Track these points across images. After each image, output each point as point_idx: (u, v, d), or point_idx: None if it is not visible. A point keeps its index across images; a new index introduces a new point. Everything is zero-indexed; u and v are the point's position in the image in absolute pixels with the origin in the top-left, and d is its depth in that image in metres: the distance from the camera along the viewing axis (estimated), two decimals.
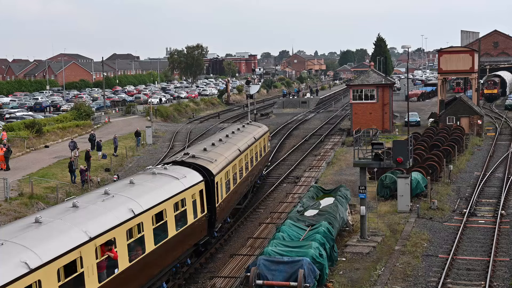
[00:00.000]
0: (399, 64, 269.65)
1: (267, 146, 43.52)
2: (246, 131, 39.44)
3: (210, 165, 27.68)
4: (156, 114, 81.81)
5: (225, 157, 30.52)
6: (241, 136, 37.00)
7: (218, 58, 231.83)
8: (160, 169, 25.15)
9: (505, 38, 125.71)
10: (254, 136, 38.83)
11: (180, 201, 23.12)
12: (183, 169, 25.72)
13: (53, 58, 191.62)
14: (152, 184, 22.73)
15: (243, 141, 35.69)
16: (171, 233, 22.10)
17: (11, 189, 36.60)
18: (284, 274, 20.99)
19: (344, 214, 28.97)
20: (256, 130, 41.09)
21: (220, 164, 28.90)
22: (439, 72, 75.08)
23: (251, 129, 40.61)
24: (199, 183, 25.46)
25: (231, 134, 36.81)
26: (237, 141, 34.97)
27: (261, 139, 40.77)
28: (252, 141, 37.53)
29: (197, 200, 25.03)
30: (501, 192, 37.62)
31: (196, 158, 28.30)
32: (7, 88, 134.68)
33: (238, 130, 38.90)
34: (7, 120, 70.25)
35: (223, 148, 32.08)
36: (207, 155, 29.33)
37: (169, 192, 22.47)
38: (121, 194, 20.47)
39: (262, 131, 42.10)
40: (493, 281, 23.68)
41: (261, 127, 43.22)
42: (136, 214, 19.58)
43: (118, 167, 49.06)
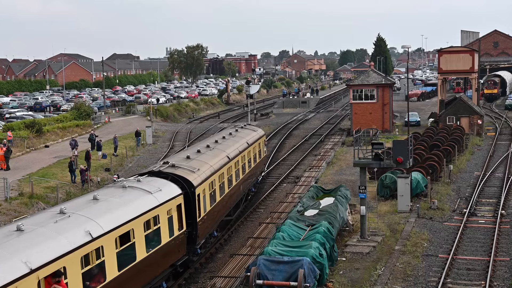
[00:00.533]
0: (399, 64, 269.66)
1: (263, 151, 41.17)
2: (239, 135, 37.23)
3: (191, 176, 25.38)
4: (156, 114, 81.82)
5: (211, 165, 28.21)
6: (232, 142, 34.68)
7: (218, 58, 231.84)
8: (132, 182, 22.72)
9: (505, 38, 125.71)
10: (248, 141, 36.55)
11: (152, 219, 20.79)
12: (159, 181, 23.31)
13: (53, 58, 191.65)
14: (120, 200, 20.33)
15: (233, 147, 33.40)
16: (140, 256, 19.80)
17: (11, 189, 36.60)
18: (284, 274, 20.99)
19: (344, 214, 28.97)
20: (250, 134, 38.86)
21: (204, 174, 26.55)
22: (439, 72, 75.06)
23: (245, 133, 38.39)
24: (177, 196, 23.07)
25: (221, 139, 34.49)
26: (227, 147, 32.63)
27: (256, 144, 38.56)
28: (245, 147, 35.26)
29: (174, 216, 22.65)
30: (501, 192, 37.62)
31: (175, 167, 25.94)
32: (7, 88, 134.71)
33: (230, 135, 36.58)
34: (7, 120, 70.27)
35: (210, 156, 29.79)
36: (190, 164, 27.01)
37: (138, 209, 20.14)
38: (79, 214, 18.11)
39: (257, 135, 39.83)
40: (493, 281, 23.68)
41: (256, 131, 40.91)
42: (94, 237, 17.20)
43: (118, 167, 49.07)
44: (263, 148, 41.27)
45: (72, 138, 55.41)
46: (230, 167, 31.15)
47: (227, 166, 30.51)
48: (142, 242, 19.97)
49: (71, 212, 18.00)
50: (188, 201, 24.33)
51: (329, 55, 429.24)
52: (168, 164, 26.28)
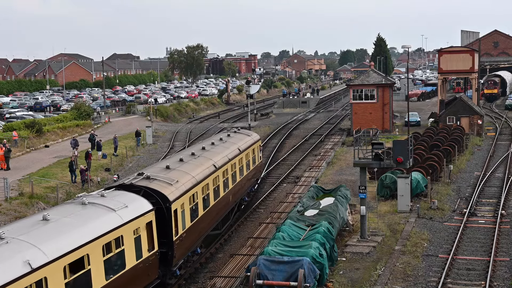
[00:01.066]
0: (399, 64, 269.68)
1: (258, 157, 38.48)
2: (230, 141, 34.62)
3: (167, 189, 22.85)
4: (156, 114, 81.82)
5: (192, 176, 25.63)
6: (222, 148, 32.08)
7: (218, 58, 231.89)
8: (94, 198, 20.20)
9: (505, 38, 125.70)
10: (240, 147, 34.01)
11: (113, 241, 18.31)
12: (127, 196, 20.90)
13: (53, 58, 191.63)
14: (74, 220, 17.84)
15: (222, 154, 30.86)
16: (98, 284, 17.41)
17: (11, 188, 36.61)
18: (284, 274, 21.00)
19: (344, 214, 28.97)
20: (243, 139, 36.23)
21: (183, 187, 24.03)
22: (439, 72, 75.05)
23: (237, 139, 35.71)
24: (147, 213, 20.59)
25: (210, 146, 31.98)
26: (214, 155, 30.04)
27: (249, 149, 35.92)
28: (236, 153, 32.80)
29: (143, 235, 20.21)
30: (501, 192, 37.61)
31: (150, 180, 23.37)
32: (7, 88, 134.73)
33: (220, 141, 34.05)
34: (7, 120, 70.27)
35: (193, 165, 27.11)
36: (169, 175, 24.41)
37: (96, 230, 17.70)
38: (20, 239, 15.54)
39: (251, 141, 37.18)
40: (493, 281, 23.69)
41: (250, 136, 38.26)
42: (34, 267, 14.73)
43: (118, 167, 49.08)
44: (258, 154, 38.65)
45: (73, 138, 55.46)
46: (217, 177, 28.47)
47: (213, 176, 27.86)
48: (100, 269, 17.57)
49: (11, 237, 15.47)
50: (162, 218, 21.94)
51: (329, 55, 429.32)
52: (143, 176, 23.71)
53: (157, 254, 21.21)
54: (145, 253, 20.31)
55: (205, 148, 30.93)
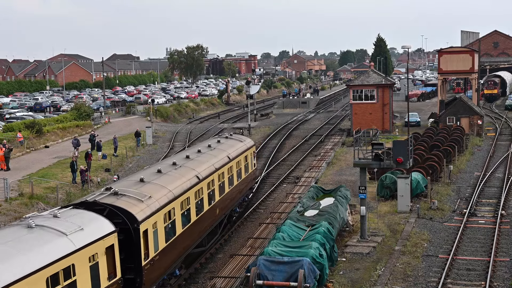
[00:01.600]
0: (399, 64, 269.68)
1: (251, 164, 35.98)
2: (220, 148, 32.06)
3: (136, 207, 20.14)
4: (156, 114, 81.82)
5: (169, 190, 22.99)
6: (208, 157, 29.49)
7: (218, 59, 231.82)
8: (45, 219, 17.52)
9: (505, 38, 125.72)
10: (229, 155, 31.48)
11: (62, 271, 15.69)
12: (85, 216, 18.30)
13: (53, 58, 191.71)
14: (11, 248, 15.03)
15: (208, 164, 28.27)
16: None
17: (11, 189, 36.60)
18: (284, 274, 21.00)
19: (344, 214, 28.97)
20: (234, 146, 33.67)
21: (156, 203, 21.37)
22: (439, 72, 75.08)
23: (227, 145, 33.16)
24: (108, 236, 17.98)
25: (195, 154, 29.41)
26: (199, 165, 27.49)
27: (241, 157, 33.43)
28: (225, 162, 30.28)
29: (102, 262, 17.66)
30: (501, 192, 37.61)
31: (118, 196, 20.66)
32: (7, 88, 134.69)
33: (209, 148, 31.44)
34: (7, 120, 70.27)
35: (172, 177, 24.47)
36: (141, 189, 21.84)
37: (38, 261, 14.95)
38: None
39: (243, 147, 34.62)
40: (493, 281, 23.69)
41: (243, 142, 35.60)
42: None
43: (118, 167, 49.08)
44: (251, 161, 36.03)
45: (75, 137, 55.51)
46: (200, 189, 25.94)
47: (195, 189, 25.35)
48: None
49: None
50: (128, 240, 19.40)
51: (329, 56, 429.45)
52: (110, 192, 20.86)
53: (119, 282, 18.63)
54: (104, 282, 17.75)
55: (189, 157, 28.16)
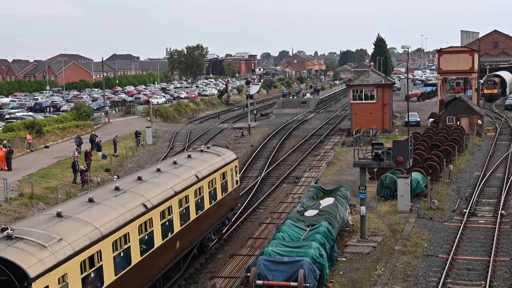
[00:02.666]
0: (399, 64, 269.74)
1: (232, 182, 30.62)
2: (188, 164, 26.74)
3: (31, 257, 15.22)
4: (156, 114, 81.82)
5: (95, 227, 17.78)
6: (169, 177, 24.16)
7: (218, 58, 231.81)
8: None
9: (505, 38, 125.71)
10: (199, 173, 26.25)
11: None
12: None
13: (53, 59, 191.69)
14: None
15: (164, 187, 22.98)
16: None
17: (11, 189, 36.59)
18: (284, 274, 21.00)
19: (344, 214, 28.97)
20: (208, 162, 28.24)
21: (68, 248, 16.26)
22: (439, 72, 75.07)
23: (198, 161, 27.75)
24: None
25: (152, 174, 24.31)
26: (151, 189, 22.24)
27: (216, 174, 28.10)
28: (191, 182, 25.01)
29: None
30: (501, 192, 37.61)
31: (12, 240, 15.78)
32: (7, 88, 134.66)
33: (173, 165, 26.17)
34: (7, 120, 70.26)
35: (106, 208, 19.31)
36: (52, 228, 16.88)
37: None
38: None
39: (221, 162, 29.29)
40: (493, 281, 23.69)
41: (221, 156, 30.03)
42: None
43: (118, 167, 49.09)
44: (233, 178, 30.78)
45: (77, 136, 55.58)
46: (148, 220, 20.76)
47: (140, 221, 20.15)
48: None
49: None
50: None
51: (329, 55, 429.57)
52: (3, 234, 16.00)
53: None
54: None
55: (141, 179, 22.97)
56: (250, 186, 41.89)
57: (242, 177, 45.04)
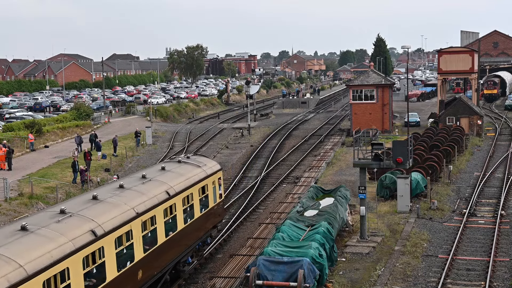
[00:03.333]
0: (399, 64, 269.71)
1: (214, 196, 27.24)
2: (159, 179, 23.17)
3: None
4: (156, 114, 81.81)
5: (20, 265, 14.37)
6: (132, 195, 20.62)
7: (218, 59, 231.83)
8: None
9: (505, 39, 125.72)
10: (171, 189, 22.71)
11: None
12: None
13: (53, 58, 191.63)
14: None
15: (122, 208, 19.36)
16: None
17: (10, 189, 36.58)
18: (284, 274, 20.99)
19: (344, 214, 28.97)
20: (184, 175, 24.77)
21: None
22: (439, 73, 75.07)
23: (172, 175, 24.25)
24: None
25: (113, 191, 20.65)
26: (104, 211, 18.65)
27: (193, 189, 24.69)
28: (160, 201, 21.47)
29: None
30: (501, 192, 37.62)
31: None
32: (7, 88, 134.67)
33: (140, 180, 22.54)
34: (7, 120, 70.24)
35: (39, 238, 15.76)
36: None
37: None
38: None
39: (201, 175, 25.84)
40: (493, 281, 23.69)
41: (201, 167, 26.52)
42: None
43: (118, 167, 49.09)
44: (215, 191, 27.36)
45: (77, 135, 55.60)
46: (98, 249, 17.35)
47: (85, 252, 16.58)
48: None
49: None
50: None
51: (328, 56, 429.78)
52: None
53: None
54: None
55: (97, 198, 19.49)
56: (250, 186, 41.90)
57: (241, 177, 45.06)
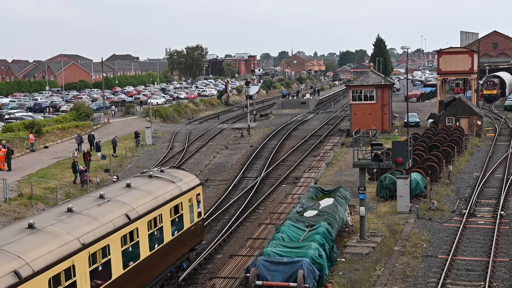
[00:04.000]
0: (398, 64, 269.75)
1: (190, 216, 23.86)
2: (120, 199, 19.88)
3: None
4: (156, 115, 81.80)
5: None
6: (80, 221, 17.46)
7: (218, 59, 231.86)
8: None
9: (505, 39, 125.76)
10: (132, 212, 19.42)
11: None
12: None
13: (52, 59, 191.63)
14: None
15: (65, 238, 16.18)
16: None
17: (10, 189, 36.56)
18: (284, 275, 20.99)
19: (343, 214, 28.96)
20: (152, 193, 21.36)
21: None
22: (438, 73, 75.08)
23: (138, 194, 20.94)
24: None
25: (59, 216, 17.53)
26: (38, 244, 15.39)
27: (164, 209, 21.39)
28: (118, 226, 18.34)
29: None
30: (501, 193, 37.61)
31: None
32: (7, 88, 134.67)
33: (97, 201, 19.28)
34: (6, 120, 70.21)
35: None
36: None
37: None
38: None
39: (175, 192, 22.63)
40: (493, 281, 23.68)
41: (176, 182, 23.26)
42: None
43: (118, 167, 49.08)
44: (192, 210, 24.15)
45: (78, 134, 55.59)
46: None
47: None
48: None
49: None
50: None
51: (328, 56, 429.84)
52: None
53: None
54: None
55: (33, 227, 16.21)
56: (249, 187, 41.90)
57: (241, 178, 45.05)
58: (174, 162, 51.43)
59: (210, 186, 43.01)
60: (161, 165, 49.89)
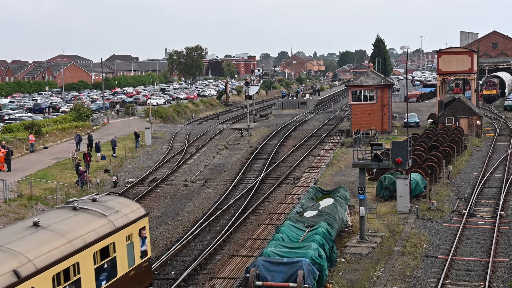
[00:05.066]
0: (398, 65, 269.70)
1: (125, 261, 19.01)
2: (14, 248, 15.06)
3: None
4: (155, 115, 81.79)
5: None
6: None
7: (217, 59, 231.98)
8: None
9: (504, 39, 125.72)
10: (27, 266, 14.55)
11: None
12: None
13: (52, 59, 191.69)
14: None
15: None
16: None
17: (10, 190, 36.56)
18: (284, 275, 20.99)
19: (343, 215, 28.96)
20: (68, 235, 16.55)
21: None
22: (438, 73, 75.07)
23: (48, 237, 16.15)
24: None
25: None
26: None
27: (81, 256, 16.52)
28: None
29: None
30: (500, 193, 37.61)
31: None
32: (6, 89, 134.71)
33: None
34: (6, 121, 70.22)
35: None
36: None
37: None
38: None
39: (104, 230, 17.93)
40: (493, 281, 23.68)
41: (107, 217, 18.51)
42: None
43: (117, 168, 49.08)
44: (132, 250, 19.51)
45: (77, 134, 55.59)
46: None
47: None
48: None
49: None
50: None
51: (328, 56, 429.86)
52: None
53: None
54: None
55: None
56: (249, 187, 41.89)
57: (241, 178, 45.01)
58: (174, 162, 51.42)
59: (210, 187, 43.01)
60: (161, 165, 49.91)
